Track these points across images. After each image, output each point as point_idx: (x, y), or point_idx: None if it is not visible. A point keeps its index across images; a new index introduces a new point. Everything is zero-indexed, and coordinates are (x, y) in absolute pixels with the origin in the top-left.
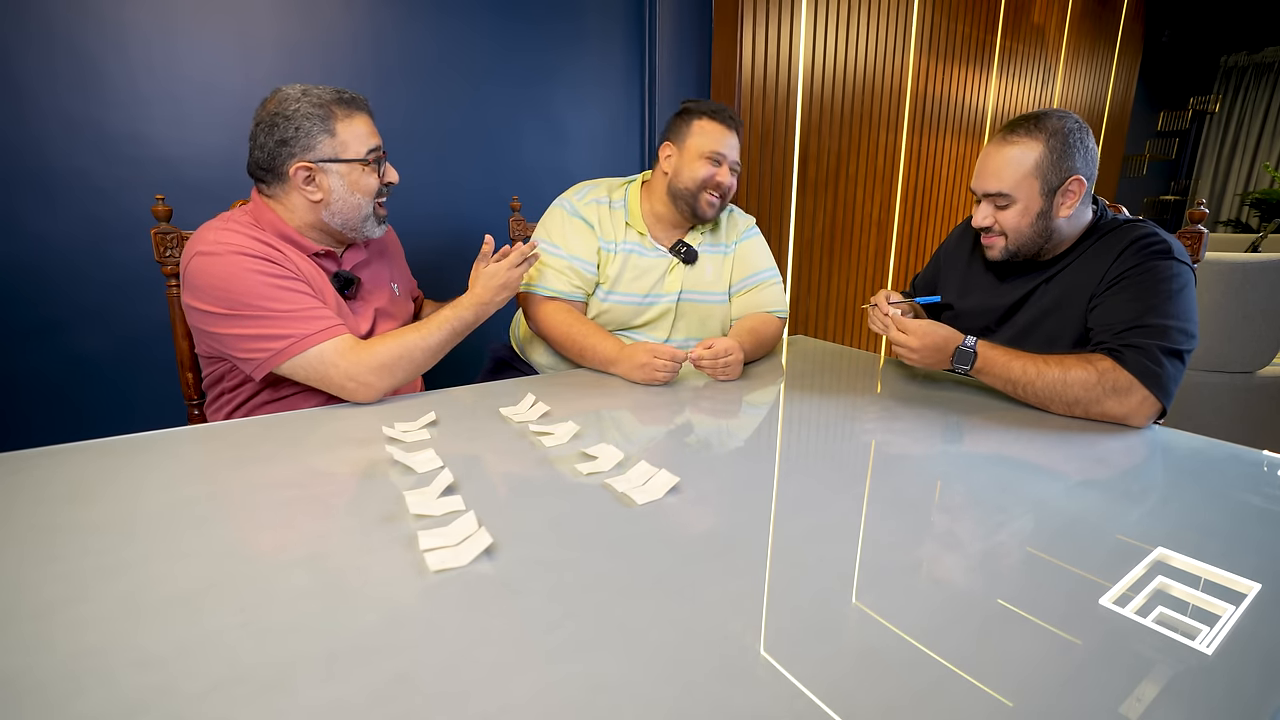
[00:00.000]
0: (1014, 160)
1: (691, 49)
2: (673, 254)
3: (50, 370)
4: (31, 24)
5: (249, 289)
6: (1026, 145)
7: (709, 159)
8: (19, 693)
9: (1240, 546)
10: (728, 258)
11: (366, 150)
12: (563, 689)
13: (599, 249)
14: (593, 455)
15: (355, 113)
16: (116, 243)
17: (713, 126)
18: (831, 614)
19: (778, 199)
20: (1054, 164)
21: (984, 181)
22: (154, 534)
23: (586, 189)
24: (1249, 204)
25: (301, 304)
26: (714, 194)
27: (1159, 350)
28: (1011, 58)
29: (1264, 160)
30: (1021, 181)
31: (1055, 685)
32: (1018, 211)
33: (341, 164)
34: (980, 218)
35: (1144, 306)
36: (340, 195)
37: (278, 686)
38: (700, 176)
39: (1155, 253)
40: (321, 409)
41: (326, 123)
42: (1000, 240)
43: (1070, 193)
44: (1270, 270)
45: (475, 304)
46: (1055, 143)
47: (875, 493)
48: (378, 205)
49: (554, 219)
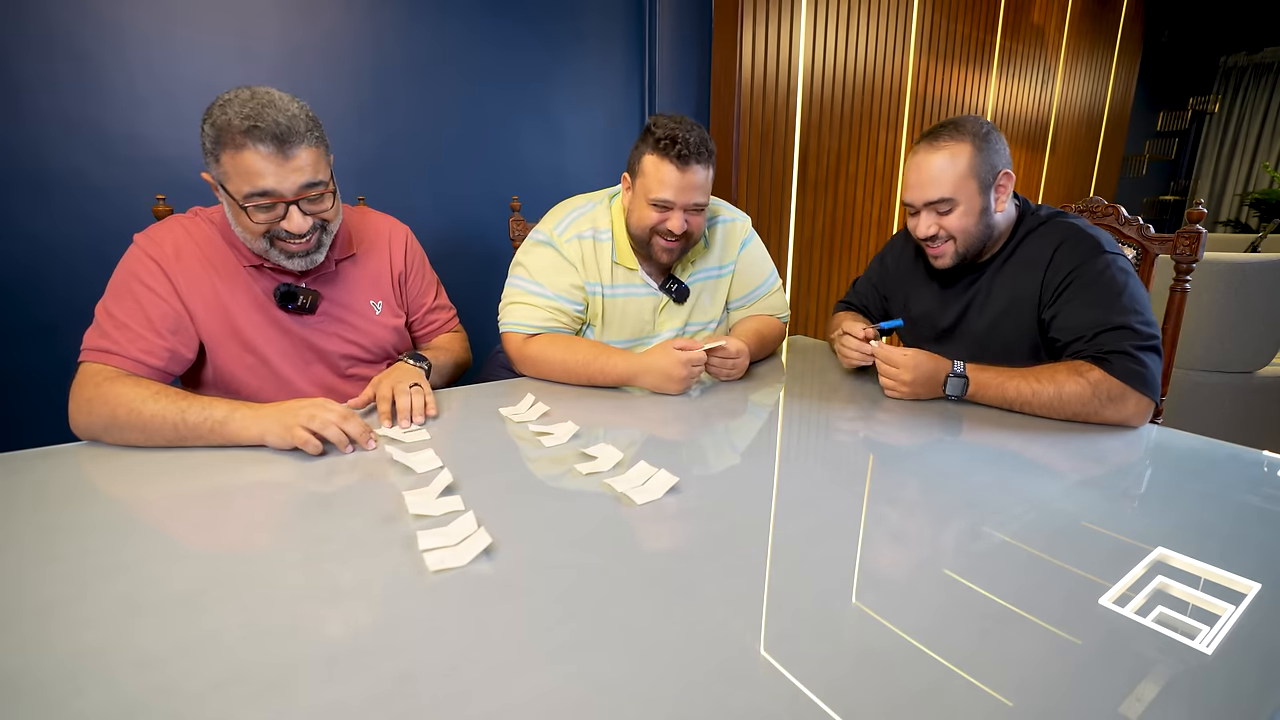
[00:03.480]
0: (949, 164)
1: (691, 49)
2: (664, 292)
3: (49, 370)
4: (30, 24)
5: (112, 283)
6: (955, 148)
7: (655, 205)
8: (19, 692)
9: (1240, 546)
10: (724, 280)
11: (245, 194)
12: (563, 689)
13: (585, 288)
14: (592, 455)
15: (246, 145)
16: (115, 243)
17: (663, 167)
18: (831, 614)
19: (778, 199)
20: (983, 161)
21: (923, 191)
22: (153, 534)
23: (567, 220)
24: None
25: (121, 314)
26: (667, 240)
27: (1136, 349)
28: (1011, 58)
29: (1263, 160)
30: (961, 183)
31: (1055, 685)
32: (961, 213)
33: (224, 193)
34: (924, 228)
35: (1101, 309)
36: (231, 220)
37: (277, 686)
38: (648, 223)
39: (1087, 250)
40: None
41: (216, 148)
42: (949, 246)
43: (1001, 187)
44: (1270, 270)
45: (239, 405)
46: (979, 142)
47: (875, 492)
48: (280, 245)
49: (533, 255)
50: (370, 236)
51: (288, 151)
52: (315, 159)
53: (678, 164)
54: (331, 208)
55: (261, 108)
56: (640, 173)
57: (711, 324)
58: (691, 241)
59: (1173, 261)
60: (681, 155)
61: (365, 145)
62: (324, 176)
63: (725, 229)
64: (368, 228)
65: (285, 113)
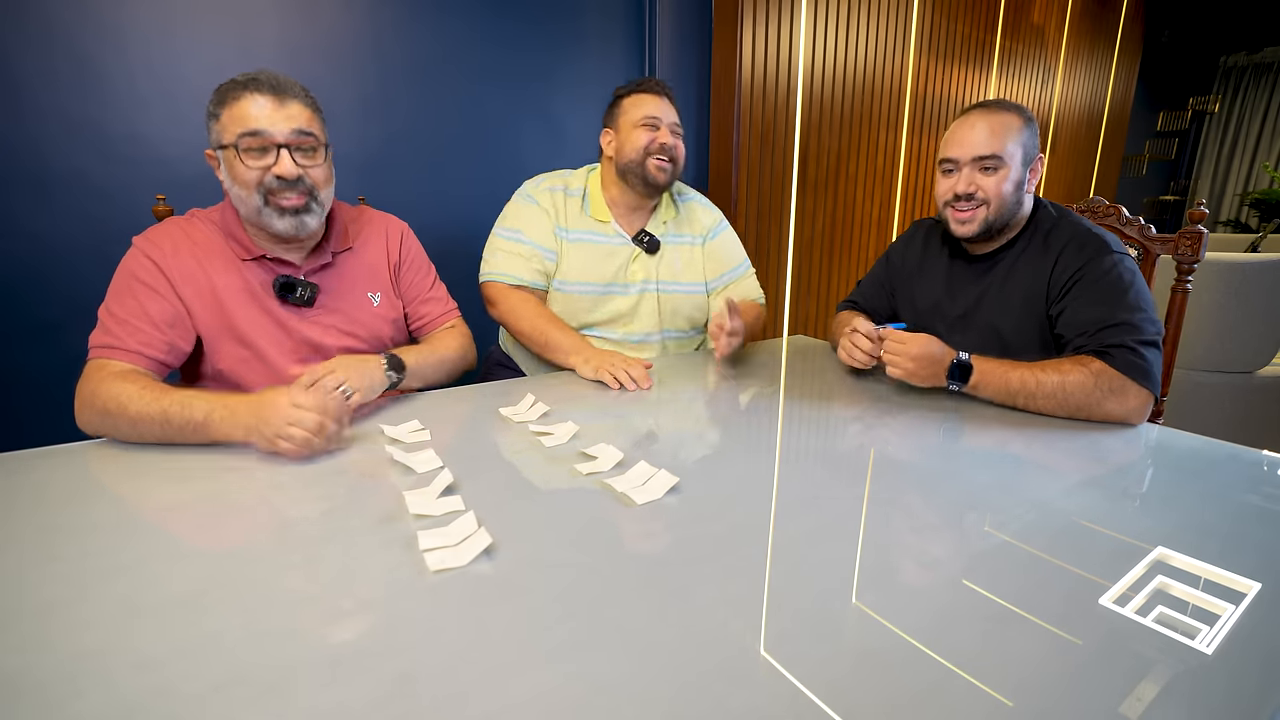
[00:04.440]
0: (1004, 125)
1: (691, 49)
2: (635, 243)
3: (50, 370)
4: (30, 24)
5: (113, 285)
6: (1009, 117)
7: (645, 125)
8: (18, 693)
9: (1240, 546)
10: (697, 249)
11: (237, 134)
12: (562, 689)
13: (555, 233)
14: (592, 455)
15: (245, 94)
16: (116, 242)
17: (641, 97)
18: (831, 614)
19: (778, 199)
20: (1029, 137)
21: (973, 146)
22: (153, 535)
23: (542, 178)
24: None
25: (123, 312)
26: (660, 157)
27: (1139, 344)
28: (1011, 58)
29: (1263, 160)
30: (1011, 147)
31: (1055, 685)
32: (1003, 178)
33: (220, 150)
34: (964, 184)
35: (1106, 306)
36: (229, 187)
37: (277, 687)
38: (641, 144)
39: (1094, 249)
40: None
41: (217, 108)
42: (980, 211)
43: (1035, 171)
44: (1270, 270)
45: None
46: (1027, 120)
47: (875, 493)
48: (271, 197)
49: (512, 207)
50: (368, 230)
51: (282, 99)
52: (309, 116)
53: (653, 92)
54: (323, 165)
55: (259, 70)
56: (621, 112)
57: (681, 286)
58: (678, 168)
59: (1174, 262)
60: (653, 87)
61: (365, 145)
62: (316, 131)
63: (697, 205)
64: (365, 222)
65: (282, 76)
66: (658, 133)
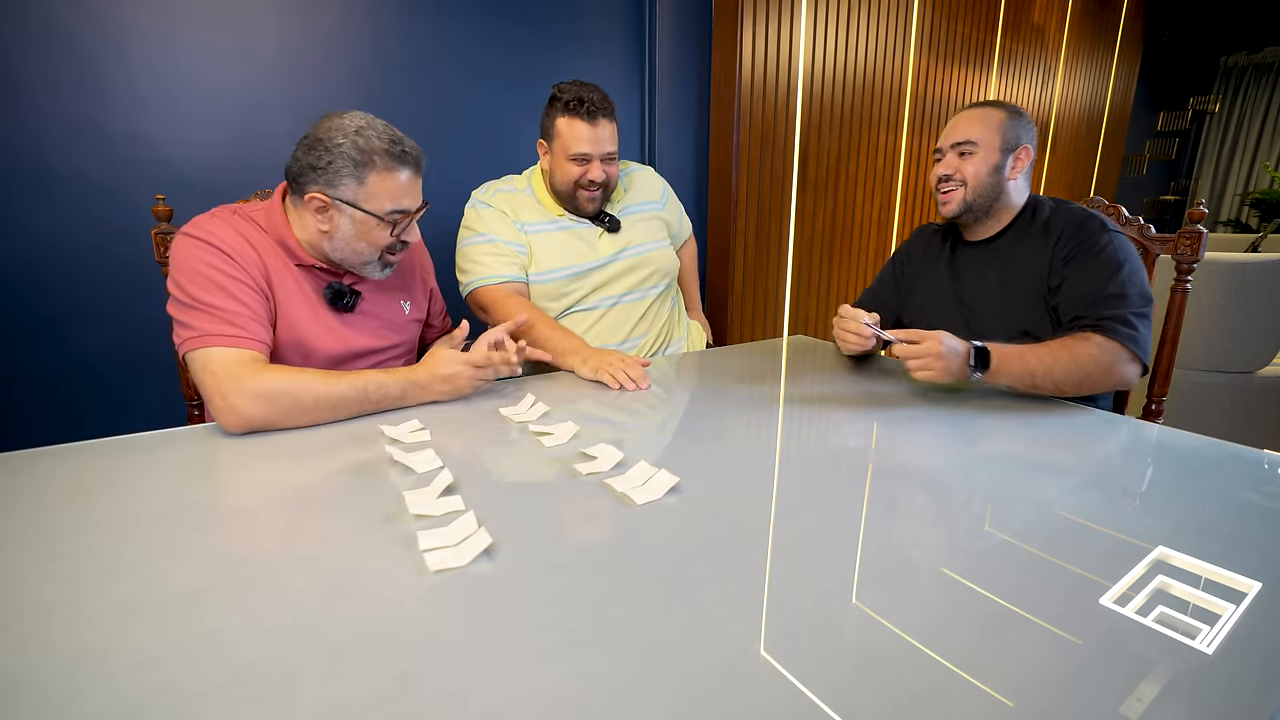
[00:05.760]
0: (980, 118)
1: (691, 49)
2: (597, 224)
3: (50, 370)
4: (31, 24)
5: (189, 276)
6: (991, 110)
7: (575, 160)
8: (20, 692)
9: (1240, 546)
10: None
11: (390, 208)
12: (562, 689)
13: (517, 229)
14: (592, 455)
15: (397, 169)
16: (116, 242)
17: (575, 125)
18: (831, 614)
19: (778, 199)
20: (1011, 128)
21: (953, 134)
22: (155, 534)
23: (488, 185)
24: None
25: (224, 304)
26: (589, 190)
27: (1131, 316)
28: (1011, 58)
29: (1264, 160)
30: (986, 133)
31: (1055, 685)
32: (979, 160)
33: (357, 211)
34: (944, 168)
35: (1101, 279)
36: (346, 238)
37: (278, 686)
38: (571, 178)
39: (1093, 228)
40: None
41: (360, 170)
42: (959, 191)
43: (1019, 159)
44: (1270, 270)
45: (407, 380)
46: (1012, 113)
47: (875, 493)
48: (386, 254)
49: (470, 216)
50: None
51: (420, 173)
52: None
53: (587, 120)
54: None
55: (400, 136)
56: (555, 134)
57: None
58: (610, 188)
59: (1174, 262)
60: (590, 112)
61: None
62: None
63: (638, 174)
64: None
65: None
66: (588, 167)
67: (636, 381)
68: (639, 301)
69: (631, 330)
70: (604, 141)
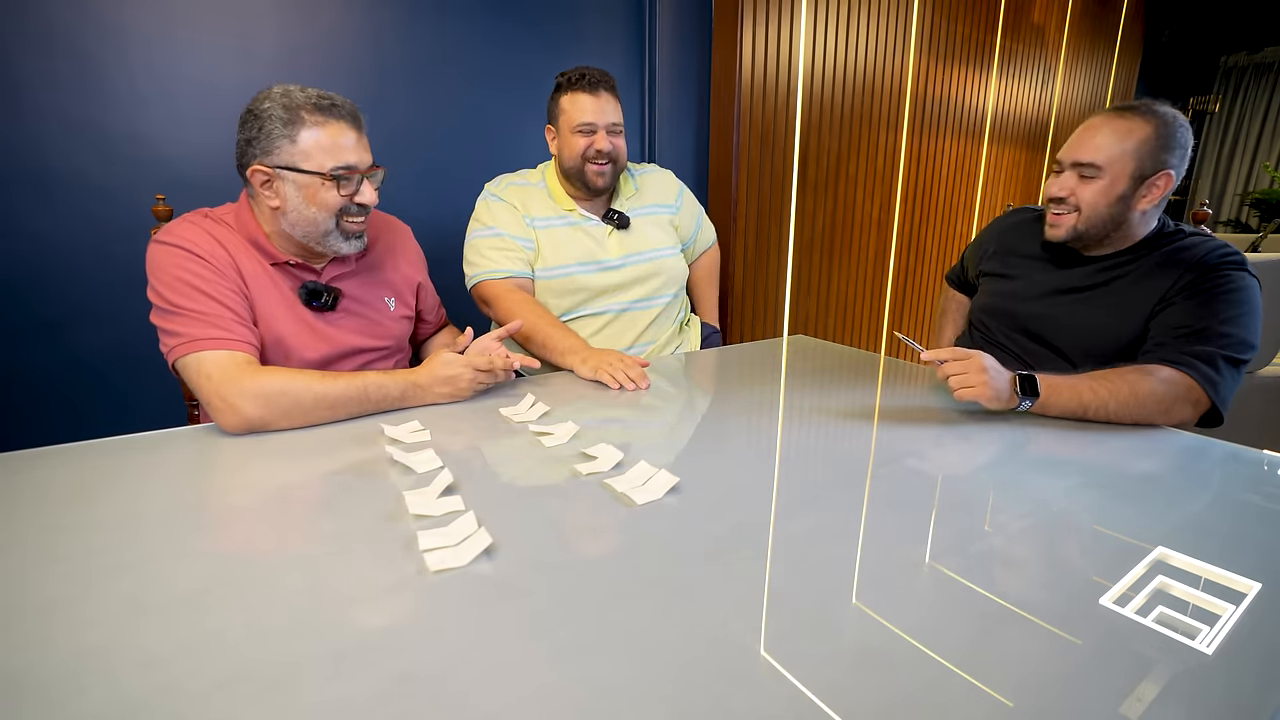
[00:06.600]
0: (1123, 133)
1: (691, 49)
2: (606, 221)
3: (50, 370)
4: (30, 24)
5: (167, 283)
6: (1135, 124)
7: (580, 131)
8: (21, 691)
9: (1240, 546)
10: (672, 217)
11: (332, 165)
12: (562, 689)
13: (526, 224)
14: (592, 455)
15: (329, 121)
16: (116, 242)
17: (578, 98)
18: (831, 614)
19: (778, 199)
20: (1153, 151)
21: (1078, 150)
22: (155, 534)
23: (502, 177)
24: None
25: (207, 307)
26: (597, 162)
27: (1221, 357)
28: (1011, 58)
29: (1264, 160)
30: (1118, 156)
31: (1055, 685)
32: (1101, 188)
33: (299, 174)
34: (1058, 188)
35: (1207, 314)
36: (296, 206)
37: (279, 686)
38: (578, 150)
39: (1232, 262)
40: None
41: (290, 128)
42: (1070, 218)
43: (1156, 187)
44: (1270, 270)
45: (408, 381)
46: (1163, 130)
47: (875, 493)
48: (346, 221)
49: (480, 209)
50: (388, 236)
51: (361, 129)
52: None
53: (589, 91)
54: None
55: (330, 94)
56: (560, 112)
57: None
58: (619, 165)
59: None
60: (591, 83)
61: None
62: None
63: (653, 175)
64: (376, 227)
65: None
66: (594, 137)
67: (636, 382)
68: (647, 310)
69: (639, 336)
70: (607, 111)
